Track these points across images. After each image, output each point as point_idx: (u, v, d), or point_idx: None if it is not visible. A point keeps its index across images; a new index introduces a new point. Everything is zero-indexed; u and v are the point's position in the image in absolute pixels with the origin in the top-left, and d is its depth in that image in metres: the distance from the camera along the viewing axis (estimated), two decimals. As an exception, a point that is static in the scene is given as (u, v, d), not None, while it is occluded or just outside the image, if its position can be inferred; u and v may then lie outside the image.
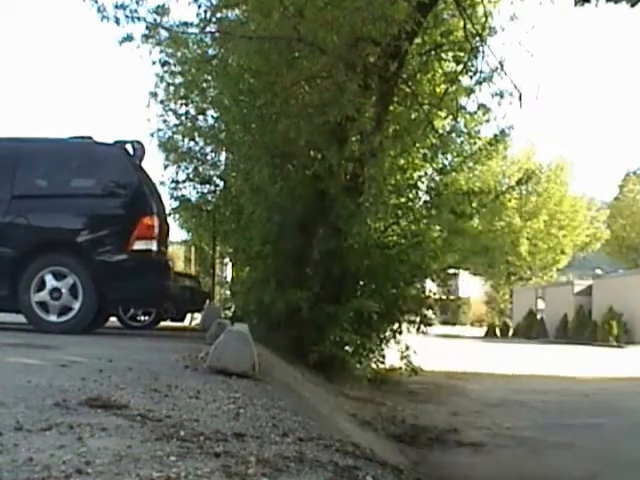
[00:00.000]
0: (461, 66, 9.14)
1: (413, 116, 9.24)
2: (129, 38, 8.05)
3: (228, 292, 12.16)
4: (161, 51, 11.56)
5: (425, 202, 9.32)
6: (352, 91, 7.14)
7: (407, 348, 8.34)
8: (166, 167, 13.06)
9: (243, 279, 10.38)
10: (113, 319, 9.97)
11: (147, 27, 8.06)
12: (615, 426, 6.68)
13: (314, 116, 7.50)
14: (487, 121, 9.74)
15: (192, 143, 12.60)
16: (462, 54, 9.07)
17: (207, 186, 12.23)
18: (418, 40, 8.72)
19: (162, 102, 13.90)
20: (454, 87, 9.26)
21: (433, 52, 9.40)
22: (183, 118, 13.04)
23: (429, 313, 9.02)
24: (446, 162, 9.74)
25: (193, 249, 20.25)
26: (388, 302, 8.21)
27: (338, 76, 7.22)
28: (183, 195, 12.02)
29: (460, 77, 9.27)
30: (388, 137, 8.49)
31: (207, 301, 12.02)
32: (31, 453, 1.99)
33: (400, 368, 8.55)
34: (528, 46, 11.08)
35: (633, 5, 6.76)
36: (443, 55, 9.55)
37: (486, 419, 6.89)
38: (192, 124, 12.42)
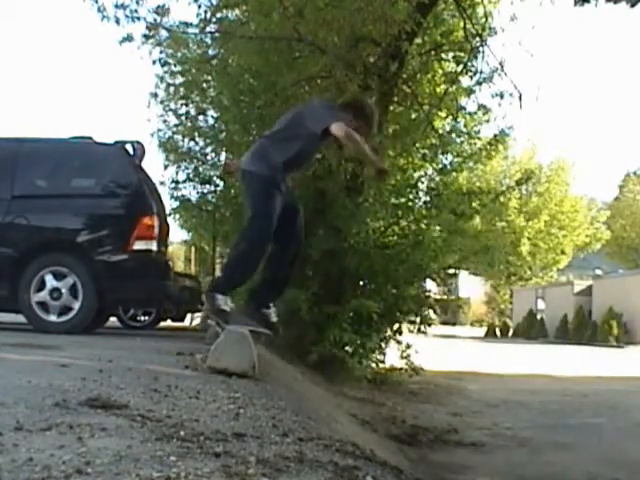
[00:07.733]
0: (461, 66, 9.13)
1: (413, 116, 9.23)
2: (129, 38, 8.08)
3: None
4: (161, 51, 11.59)
5: (425, 202, 9.29)
6: (352, 91, 7.14)
7: (408, 347, 8.34)
8: (166, 167, 13.08)
9: (243, 279, 10.36)
10: (113, 319, 9.98)
11: (147, 27, 8.10)
12: (615, 426, 6.68)
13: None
14: (487, 121, 9.73)
15: (192, 143, 12.61)
16: (462, 54, 9.06)
17: (207, 186, 12.21)
18: (418, 40, 8.71)
19: (162, 102, 13.93)
20: (454, 87, 9.25)
21: (433, 52, 9.39)
22: (183, 118, 13.06)
23: (430, 313, 9.00)
24: (446, 162, 9.72)
25: (193, 249, 20.25)
26: (388, 302, 8.19)
27: (338, 76, 7.22)
28: (183, 195, 12.00)
29: (460, 77, 9.26)
30: (388, 137, 8.47)
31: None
32: (31, 453, 1.98)
33: (400, 368, 8.55)
34: (528, 46, 11.09)
35: (633, 5, 6.74)
36: (443, 55, 9.54)
37: (486, 419, 6.89)
38: (192, 124, 12.42)
